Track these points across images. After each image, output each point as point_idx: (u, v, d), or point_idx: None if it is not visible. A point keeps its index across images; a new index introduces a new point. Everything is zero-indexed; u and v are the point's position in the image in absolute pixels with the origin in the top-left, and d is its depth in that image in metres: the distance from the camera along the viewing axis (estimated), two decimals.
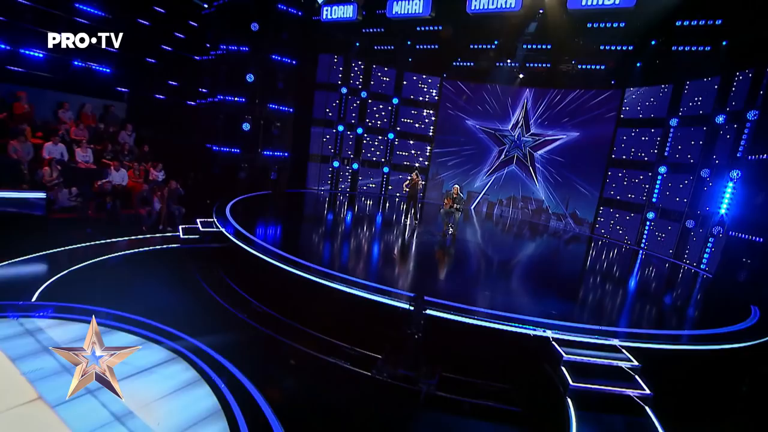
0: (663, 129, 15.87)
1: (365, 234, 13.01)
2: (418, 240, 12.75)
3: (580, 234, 17.90)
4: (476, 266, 11.16)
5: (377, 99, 19.89)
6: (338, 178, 20.06)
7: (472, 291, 9.08)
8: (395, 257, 10.85)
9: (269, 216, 13.91)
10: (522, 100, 19.23)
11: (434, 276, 9.76)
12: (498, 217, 19.54)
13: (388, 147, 20.58)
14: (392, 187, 20.98)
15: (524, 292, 9.48)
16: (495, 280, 10.17)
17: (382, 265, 10.09)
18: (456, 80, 19.97)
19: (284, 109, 16.95)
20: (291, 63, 16.61)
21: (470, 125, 20.18)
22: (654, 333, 8.00)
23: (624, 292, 10.78)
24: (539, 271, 11.74)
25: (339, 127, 19.52)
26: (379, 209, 17.39)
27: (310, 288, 8.08)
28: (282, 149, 17.39)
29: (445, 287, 9.17)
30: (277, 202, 16.07)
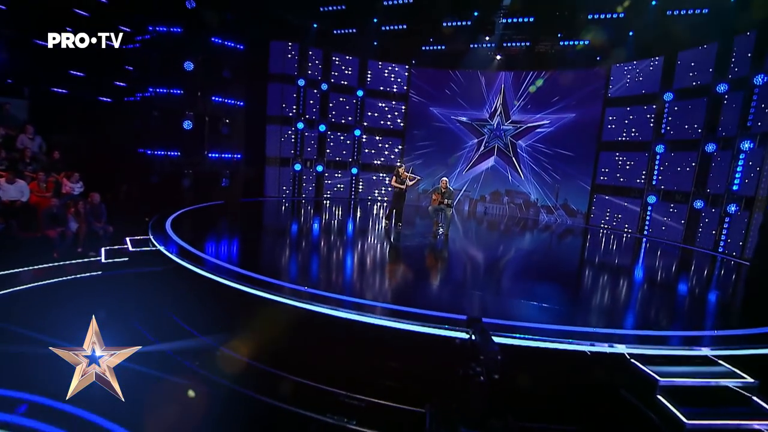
0: (657, 105, 14.59)
1: (342, 244, 10.69)
2: (405, 246, 10.56)
3: (575, 226, 16.33)
4: (482, 272, 9.09)
5: (340, 91, 17.66)
6: (301, 183, 17.57)
7: (490, 302, 6.97)
8: (386, 269, 8.60)
9: (224, 230, 11.27)
10: (499, 86, 17.60)
11: (441, 287, 7.58)
12: (482, 215, 17.70)
13: (355, 145, 18.35)
14: (363, 190, 18.72)
15: (553, 299, 7.47)
16: (513, 287, 8.12)
17: (373, 281, 7.82)
18: (426, 68, 18.09)
19: (231, 103, 14.37)
20: (237, 48, 14.11)
21: (444, 116, 18.32)
22: (752, 333, 6.16)
23: (663, 287, 9.01)
24: (556, 272, 9.83)
25: (298, 124, 17.10)
26: (352, 214, 15.06)
27: (297, 319, 5.69)
28: (233, 150, 14.76)
29: (455, 299, 7.01)
30: (232, 213, 13.39)
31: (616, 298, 7.76)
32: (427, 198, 18.81)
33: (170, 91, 13.00)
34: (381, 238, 11.24)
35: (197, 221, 11.38)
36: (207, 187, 14.23)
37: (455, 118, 18.27)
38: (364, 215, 14.90)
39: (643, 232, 14.95)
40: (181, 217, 11.39)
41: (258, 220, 12.64)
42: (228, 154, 14.54)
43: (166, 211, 11.57)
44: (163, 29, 12.64)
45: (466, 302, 6.84)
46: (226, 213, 13.17)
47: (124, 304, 6.68)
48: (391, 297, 6.82)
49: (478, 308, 6.66)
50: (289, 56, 16.46)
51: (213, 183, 14.44)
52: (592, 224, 16.30)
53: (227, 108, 14.33)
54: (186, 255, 7.60)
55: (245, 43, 14.22)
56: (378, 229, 12.39)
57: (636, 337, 5.85)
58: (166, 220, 10.72)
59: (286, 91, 16.67)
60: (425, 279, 8.03)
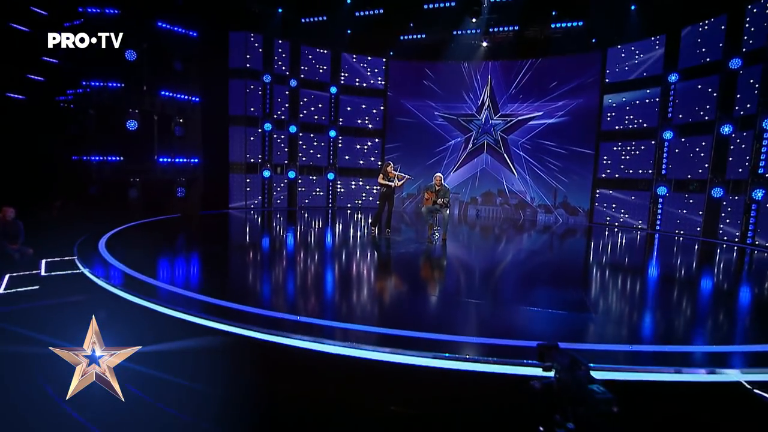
0: (661, 88, 13.35)
1: (324, 260, 8.79)
2: (399, 255, 8.74)
3: (577, 225, 14.84)
4: (502, 281, 7.34)
5: (311, 88, 15.84)
6: (271, 192, 15.53)
7: (535, 319, 5.20)
8: (382, 285, 6.76)
9: (178, 248, 9.16)
10: (486, 77, 16.14)
11: (459, 304, 5.78)
12: (475, 218, 16.04)
13: (331, 147, 16.49)
14: (343, 197, 16.82)
15: (612, 312, 5.75)
16: (551, 298, 6.38)
17: (370, 302, 5.96)
18: (405, 60, 16.50)
19: (183, 98, 12.33)
20: (189, 35, 12.15)
21: (427, 112, 16.72)
22: None
23: (724, 290, 7.47)
24: (590, 277, 8.17)
25: (266, 125, 15.14)
26: (331, 225, 13.13)
27: (279, 363, 3.78)
28: (188, 154, 12.66)
29: (486, 320, 5.22)
30: (188, 227, 11.25)
31: (685, 307, 6.10)
32: (412, 202, 17.05)
33: (106, 85, 10.87)
34: (369, 249, 9.35)
35: (142, 238, 9.24)
36: (159, 197, 12.07)
37: (439, 114, 16.68)
38: (346, 224, 12.99)
39: (655, 227, 13.56)
40: (123, 234, 9.23)
41: (220, 236, 10.52)
42: (181, 158, 12.42)
43: (105, 227, 9.39)
44: (96, 10, 10.57)
45: (501, 322, 5.02)
46: (182, 228, 11.01)
47: (27, 348, 4.54)
48: (403, 322, 4.94)
49: (522, 328, 4.85)
50: (252, 49, 14.56)
51: (166, 193, 12.29)
52: (597, 222, 14.85)
53: (179, 105, 12.28)
54: (121, 280, 5.55)
55: (198, 30, 12.27)
56: (364, 239, 10.51)
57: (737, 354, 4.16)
58: (102, 237, 8.56)
59: (251, 89, 14.72)
60: (436, 295, 6.19)
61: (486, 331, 4.62)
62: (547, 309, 5.42)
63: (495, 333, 4.47)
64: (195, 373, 3.45)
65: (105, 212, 10.96)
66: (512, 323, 4.94)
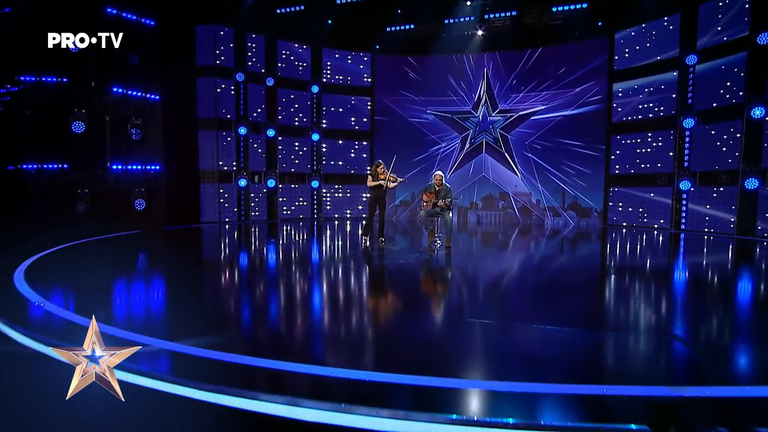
0: (679, 71, 12.03)
1: (308, 281, 7.18)
2: (398, 268, 7.16)
3: (590, 227, 13.36)
4: (529, 296, 5.77)
5: (290, 87, 14.33)
6: (248, 203, 13.87)
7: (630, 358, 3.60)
8: (387, 310, 5.15)
9: (133, 274, 7.46)
10: (482, 71, 14.78)
11: (485, 335, 4.17)
12: (476, 225, 14.49)
13: (314, 152, 14.93)
14: (330, 207, 15.19)
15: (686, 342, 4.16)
16: (605, 322, 4.80)
17: (376, 336, 4.32)
18: (393, 55, 15.09)
19: (137, 95, 10.71)
20: (145, 24, 10.60)
21: (418, 110, 15.28)
22: None
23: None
24: (656, 292, 6.62)
25: (240, 129, 13.56)
26: (316, 238, 11.50)
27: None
28: (148, 160, 11.00)
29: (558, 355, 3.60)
30: (150, 246, 9.54)
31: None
32: (406, 211, 15.49)
33: (41, 80, 9.22)
34: (361, 263, 7.74)
35: (83, 263, 7.53)
36: (114, 211, 10.37)
37: (432, 112, 15.24)
38: (333, 237, 11.36)
39: (679, 226, 12.11)
40: (59, 257, 7.51)
41: (186, 256, 8.77)
42: (136, 165, 10.73)
43: (36, 248, 7.68)
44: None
45: (546, 353, 3.42)
46: (139, 246, 9.29)
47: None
48: (410, 361, 3.32)
49: (582, 362, 3.25)
50: (223, 44, 13.04)
51: (122, 205, 10.60)
52: (612, 223, 13.37)
53: (136, 104, 10.66)
54: (40, 324, 3.88)
55: (156, 19, 10.73)
56: (354, 251, 8.92)
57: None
58: (24, 262, 6.84)
59: (222, 88, 13.17)
60: (444, 317, 4.59)
61: (529, 370, 3.01)
62: (608, 332, 3.83)
63: (541, 372, 2.87)
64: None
65: (47, 230, 9.24)
66: (561, 354, 3.34)
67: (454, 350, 3.47)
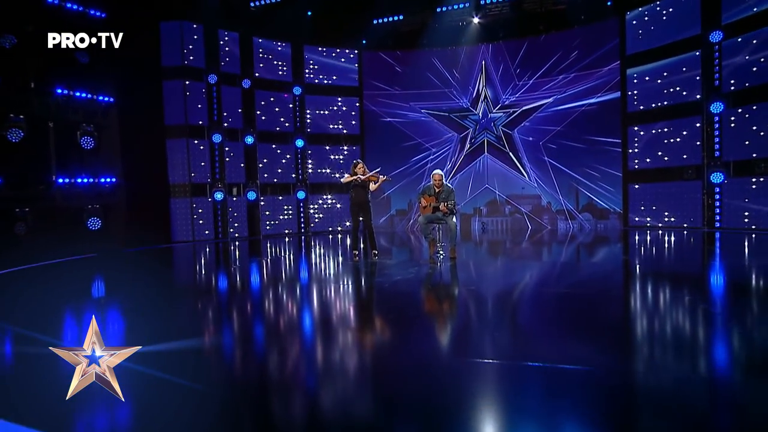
0: (702, 50, 10.72)
1: (277, 313, 5.69)
2: (392, 288, 5.70)
3: (610, 229, 11.91)
4: (560, 320, 4.29)
5: (270, 89, 12.97)
6: (226, 219, 12.39)
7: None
8: (388, 343, 3.65)
9: (79, 307, 5.94)
10: (480, 64, 13.48)
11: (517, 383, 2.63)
12: (481, 233, 13.03)
13: (299, 160, 13.51)
14: (320, 220, 13.72)
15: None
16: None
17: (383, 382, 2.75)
18: (381, 50, 13.80)
19: (87, 98, 9.30)
20: (93, 16, 9.25)
21: (411, 110, 13.93)
22: None
23: None
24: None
25: (214, 136, 12.16)
26: (303, 255, 10.04)
27: None
28: (102, 172, 9.54)
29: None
30: (104, 274, 8.03)
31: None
32: (402, 221, 14.03)
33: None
34: (350, 282, 6.29)
35: (16, 298, 6.06)
36: (62, 232, 8.88)
37: (426, 111, 13.90)
38: (322, 253, 9.90)
39: (713, 224, 10.67)
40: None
41: (147, 284, 7.23)
42: (84, 178, 9.26)
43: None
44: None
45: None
46: (88, 274, 7.78)
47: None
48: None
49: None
50: (192, 42, 11.71)
51: (72, 226, 9.11)
52: (634, 225, 11.93)
53: (87, 108, 9.25)
54: None
55: (106, 11, 9.40)
56: (343, 268, 7.49)
57: None
58: None
59: (192, 92, 11.80)
60: (452, 351, 3.11)
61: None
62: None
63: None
64: None
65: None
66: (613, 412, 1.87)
67: (467, 407, 1.99)
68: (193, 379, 2.70)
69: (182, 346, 3.35)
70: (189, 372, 2.84)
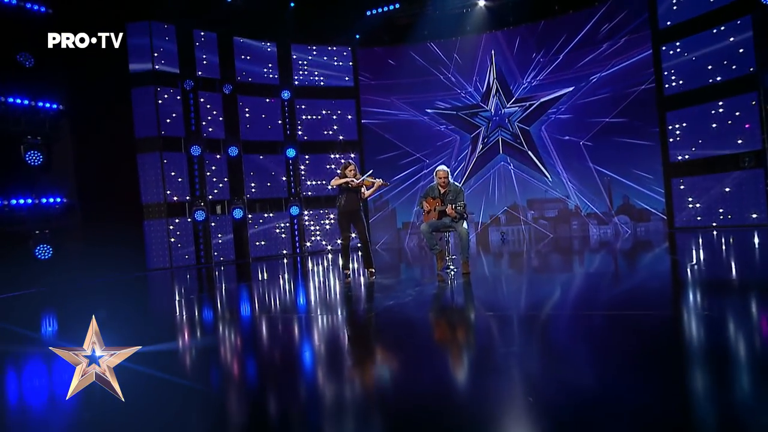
0: (753, 15, 9.07)
1: (301, 345, 4.05)
2: (385, 314, 4.07)
3: (653, 232, 10.15)
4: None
5: (254, 93, 11.62)
6: (209, 240, 10.92)
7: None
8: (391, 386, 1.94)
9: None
10: (488, 54, 12.00)
11: None
12: (501, 244, 11.33)
13: (291, 171, 12.07)
14: (316, 238, 12.18)
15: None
16: None
17: None
18: (376, 46, 12.43)
19: (25, 105, 7.98)
20: (34, 11, 8.02)
21: (414, 111, 12.46)
22: None
23: None
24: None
25: (193, 148, 10.80)
26: (301, 281, 8.52)
27: None
28: (50, 191, 8.16)
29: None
30: (50, 314, 6.55)
31: None
32: (412, 234, 12.42)
33: None
34: (339, 311, 4.72)
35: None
36: (2, 263, 7.49)
37: (432, 111, 12.41)
38: (317, 275, 8.37)
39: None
40: None
41: (108, 325, 5.73)
42: (29, 199, 7.89)
43: None
44: None
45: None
46: (30, 317, 6.31)
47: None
48: None
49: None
50: (163, 44, 10.46)
51: (16, 255, 7.71)
52: (682, 226, 10.13)
53: (28, 117, 7.93)
54: None
55: (51, 6, 8.17)
56: (334, 293, 5.95)
57: None
58: None
59: (165, 99, 10.50)
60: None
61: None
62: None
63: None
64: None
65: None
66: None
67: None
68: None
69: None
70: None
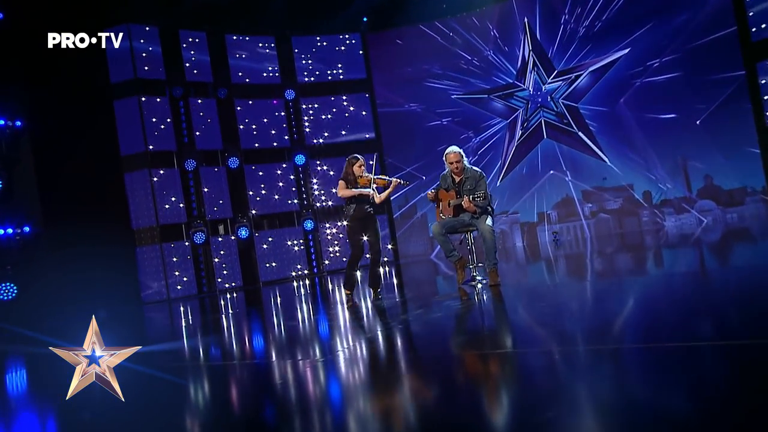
0: None
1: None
2: (385, 342, 2.27)
3: (754, 222, 7.92)
4: None
5: (253, 95, 10.28)
6: (210, 265, 9.55)
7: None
8: None
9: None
10: (520, 23, 10.17)
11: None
12: (554, 246, 9.30)
13: (302, 180, 10.60)
14: (335, 254, 10.61)
15: None
16: None
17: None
18: (389, 29, 10.86)
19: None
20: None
21: (438, 98, 10.74)
22: None
23: None
24: None
25: (187, 162, 9.53)
26: (314, 308, 6.94)
27: None
28: (9, 219, 6.98)
29: None
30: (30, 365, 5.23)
31: None
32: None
33: None
34: (329, 339, 3.00)
35: None
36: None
37: (458, 97, 10.66)
38: (342, 306, 6.76)
39: None
40: None
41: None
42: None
43: None
44: None
45: None
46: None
47: None
48: None
49: None
50: (145, 50, 9.30)
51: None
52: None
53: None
54: None
55: (3, 10, 7.11)
56: (336, 319, 4.29)
57: None
58: None
59: (152, 110, 9.29)
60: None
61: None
62: None
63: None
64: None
65: None
66: None
67: None
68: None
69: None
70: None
